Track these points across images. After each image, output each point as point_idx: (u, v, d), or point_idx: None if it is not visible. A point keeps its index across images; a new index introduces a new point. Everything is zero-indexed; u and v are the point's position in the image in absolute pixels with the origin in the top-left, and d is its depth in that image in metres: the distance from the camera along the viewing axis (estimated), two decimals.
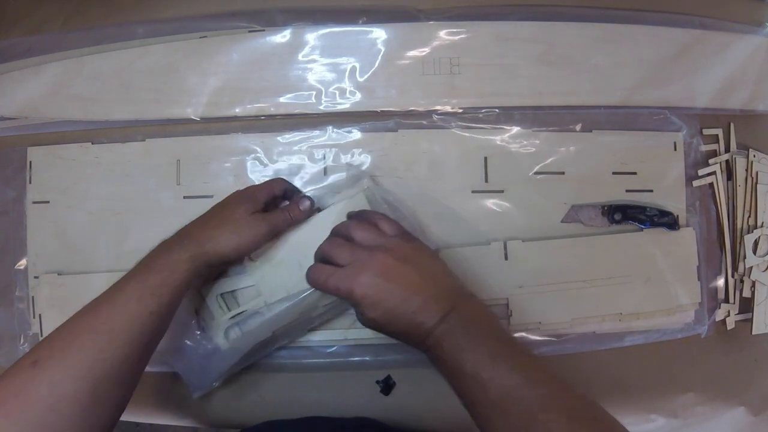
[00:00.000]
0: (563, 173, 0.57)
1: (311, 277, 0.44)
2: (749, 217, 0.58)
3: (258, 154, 0.57)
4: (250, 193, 0.50)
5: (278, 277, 0.51)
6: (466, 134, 0.57)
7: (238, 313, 0.52)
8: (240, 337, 0.52)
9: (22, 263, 0.57)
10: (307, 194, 0.53)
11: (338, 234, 0.46)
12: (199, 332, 0.52)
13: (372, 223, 0.46)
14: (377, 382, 0.56)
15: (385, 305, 0.40)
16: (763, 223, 0.58)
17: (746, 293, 0.58)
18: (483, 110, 0.57)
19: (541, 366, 0.39)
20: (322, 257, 0.45)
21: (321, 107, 0.57)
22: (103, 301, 0.41)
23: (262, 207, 0.49)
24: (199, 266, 0.44)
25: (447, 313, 0.40)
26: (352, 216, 0.49)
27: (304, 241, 0.51)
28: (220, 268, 0.51)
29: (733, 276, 0.58)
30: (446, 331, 0.39)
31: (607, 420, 0.36)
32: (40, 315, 0.56)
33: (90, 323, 0.40)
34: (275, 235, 0.50)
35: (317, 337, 0.55)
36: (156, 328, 0.42)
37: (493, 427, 0.37)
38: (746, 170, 0.59)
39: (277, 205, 0.52)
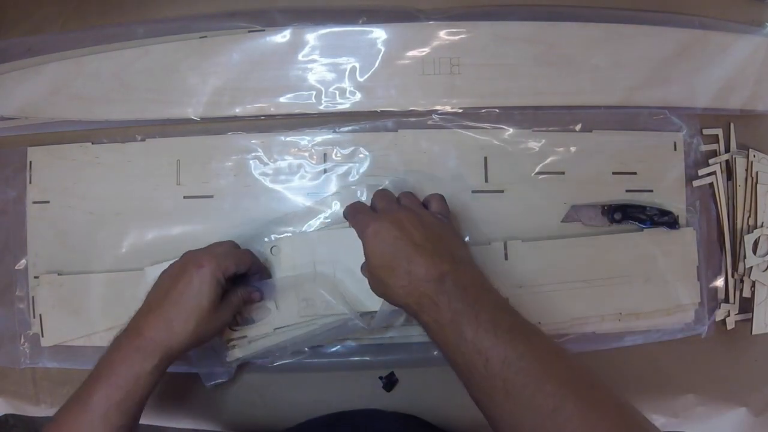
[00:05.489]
0: (563, 173, 0.57)
1: (348, 208, 0.48)
2: (749, 217, 0.58)
3: (258, 153, 0.57)
4: (221, 263, 0.45)
5: (292, 290, 0.51)
6: (466, 134, 0.57)
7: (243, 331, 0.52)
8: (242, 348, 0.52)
9: (22, 263, 0.57)
10: (255, 285, 0.51)
11: (378, 197, 0.48)
12: None
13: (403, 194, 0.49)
14: (380, 377, 0.56)
15: (389, 251, 0.42)
16: (763, 223, 0.58)
17: (746, 293, 0.58)
18: (483, 110, 0.57)
19: (544, 337, 0.38)
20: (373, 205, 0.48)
21: (321, 107, 0.57)
22: (68, 419, 0.41)
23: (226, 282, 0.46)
24: (165, 368, 0.44)
25: (445, 273, 0.39)
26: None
27: (319, 251, 0.51)
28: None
29: (733, 276, 0.58)
30: (444, 291, 0.39)
31: (605, 389, 0.35)
32: (40, 315, 0.56)
33: None
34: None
35: None
36: None
37: (493, 401, 0.35)
38: (746, 170, 0.59)
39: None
